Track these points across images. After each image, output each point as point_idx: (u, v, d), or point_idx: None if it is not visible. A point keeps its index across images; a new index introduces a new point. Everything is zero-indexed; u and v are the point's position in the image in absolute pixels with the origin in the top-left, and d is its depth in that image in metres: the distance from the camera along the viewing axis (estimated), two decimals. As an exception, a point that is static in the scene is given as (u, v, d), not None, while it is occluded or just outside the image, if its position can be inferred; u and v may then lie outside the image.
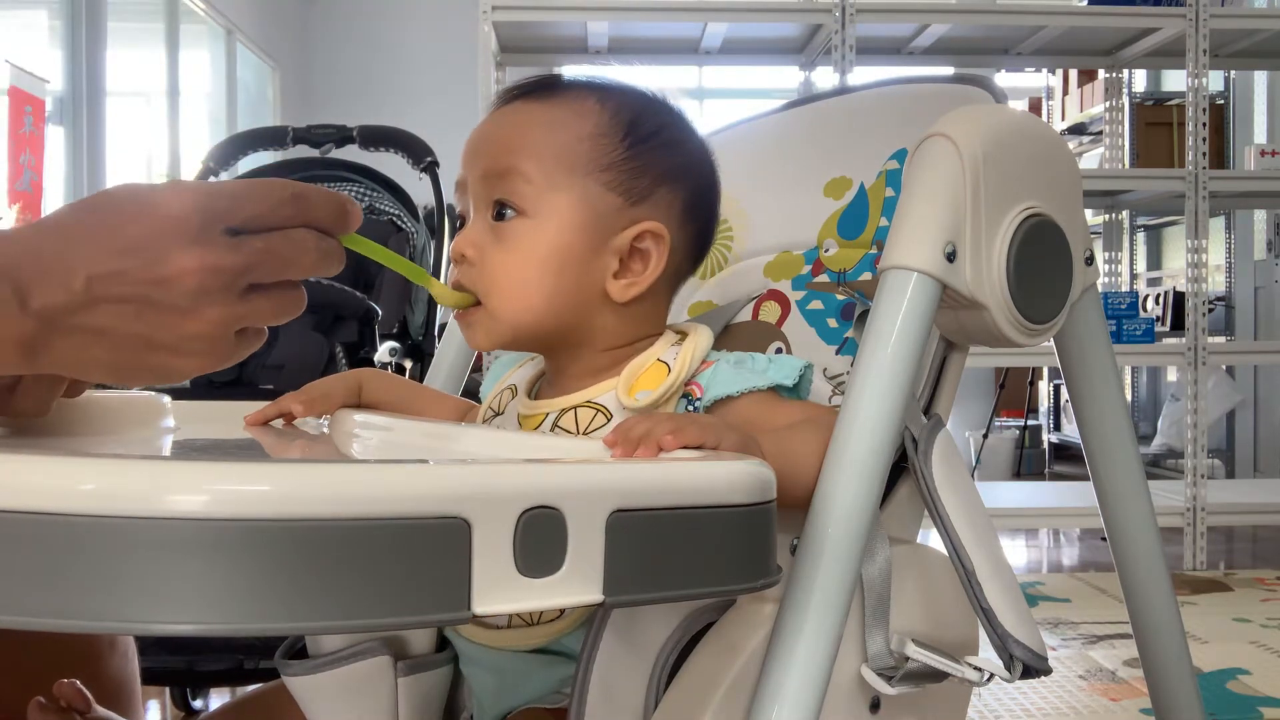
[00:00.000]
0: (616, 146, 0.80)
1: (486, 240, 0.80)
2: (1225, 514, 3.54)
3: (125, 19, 4.96)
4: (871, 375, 0.71)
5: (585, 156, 0.79)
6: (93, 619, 0.42)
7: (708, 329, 0.83)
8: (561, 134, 0.80)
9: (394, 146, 2.28)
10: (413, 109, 5.41)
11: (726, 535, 0.53)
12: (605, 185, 0.80)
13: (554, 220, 0.79)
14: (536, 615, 0.77)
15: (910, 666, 0.73)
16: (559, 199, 0.79)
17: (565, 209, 0.79)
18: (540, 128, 0.80)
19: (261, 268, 0.64)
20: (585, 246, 0.79)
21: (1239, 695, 2.21)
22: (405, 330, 2.19)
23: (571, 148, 0.79)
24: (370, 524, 0.43)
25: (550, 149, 0.79)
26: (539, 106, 0.82)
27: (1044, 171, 0.78)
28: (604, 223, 0.79)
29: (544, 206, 0.79)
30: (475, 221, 0.81)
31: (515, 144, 0.80)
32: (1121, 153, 4.43)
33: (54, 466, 0.44)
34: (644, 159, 0.81)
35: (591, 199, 0.79)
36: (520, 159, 0.79)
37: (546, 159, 0.79)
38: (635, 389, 0.77)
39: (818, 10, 3.47)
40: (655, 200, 0.81)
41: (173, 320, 0.62)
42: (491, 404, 0.88)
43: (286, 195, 0.65)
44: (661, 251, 0.81)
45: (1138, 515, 0.93)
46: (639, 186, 0.81)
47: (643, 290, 0.81)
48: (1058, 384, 6.07)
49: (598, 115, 0.81)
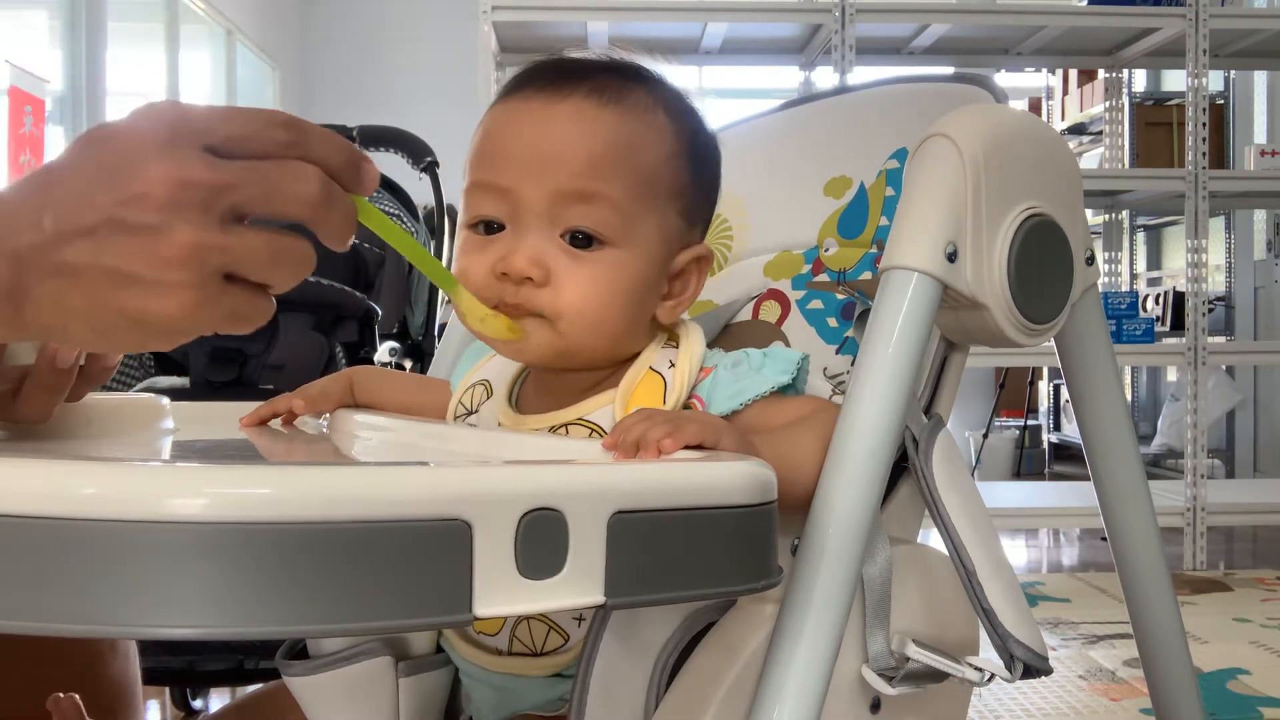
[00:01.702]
0: (687, 169, 0.77)
1: (560, 264, 0.73)
2: (1225, 514, 3.54)
3: (125, 19, 4.96)
4: (872, 375, 0.71)
5: (666, 182, 0.76)
6: (94, 623, 0.42)
7: (699, 328, 0.82)
8: (645, 155, 0.75)
9: (394, 146, 2.28)
10: (413, 109, 5.41)
11: (727, 536, 0.53)
12: (678, 212, 0.78)
13: (639, 250, 0.75)
14: (540, 646, 0.77)
15: (911, 667, 0.73)
16: (644, 229, 0.75)
17: (649, 239, 0.75)
18: (621, 145, 0.74)
19: (245, 190, 0.55)
20: (657, 275, 0.77)
21: (1239, 695, 2.21)
22: (405, 330, 2.19)
23: (657, 171, 0.75)
24: (371, 526, 0.43)
25: (637, 173, 0.74)
26: (609, 114, 0.74)
27: (1044, 171, 0.78)
28: (671, 249, 0.78)
29: (630, 236, 0.74)
30: (538, 240, 0.74)
31: (597, 163, 0.73)
32: (1121, 153, 4.43)
33: (54, 470, 0.44)
34: (704, 179, 0.80)
35: (668, 226, 0.77)
36: (606, 183, 0.73)
37: (634, 185, 0.74)
38: (632, 407, 0.75)
39: (818, 10, 3.47)
40: (704, 219, 0.81)
41: (142, 244, 0.54)
42: (463, 399, 0.85)
43: (280, 119, 0.57)
44: (704, 271, 0.80)
45: (1138, 515, 0.93)
46: (700, 210, 0.80)
47: (684, 311, 0.80)
48: (1058, 384, 6.07)
49: (671, 131, 0.77)
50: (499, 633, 0.78)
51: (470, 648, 0.79)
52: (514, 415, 0.81)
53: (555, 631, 0.76)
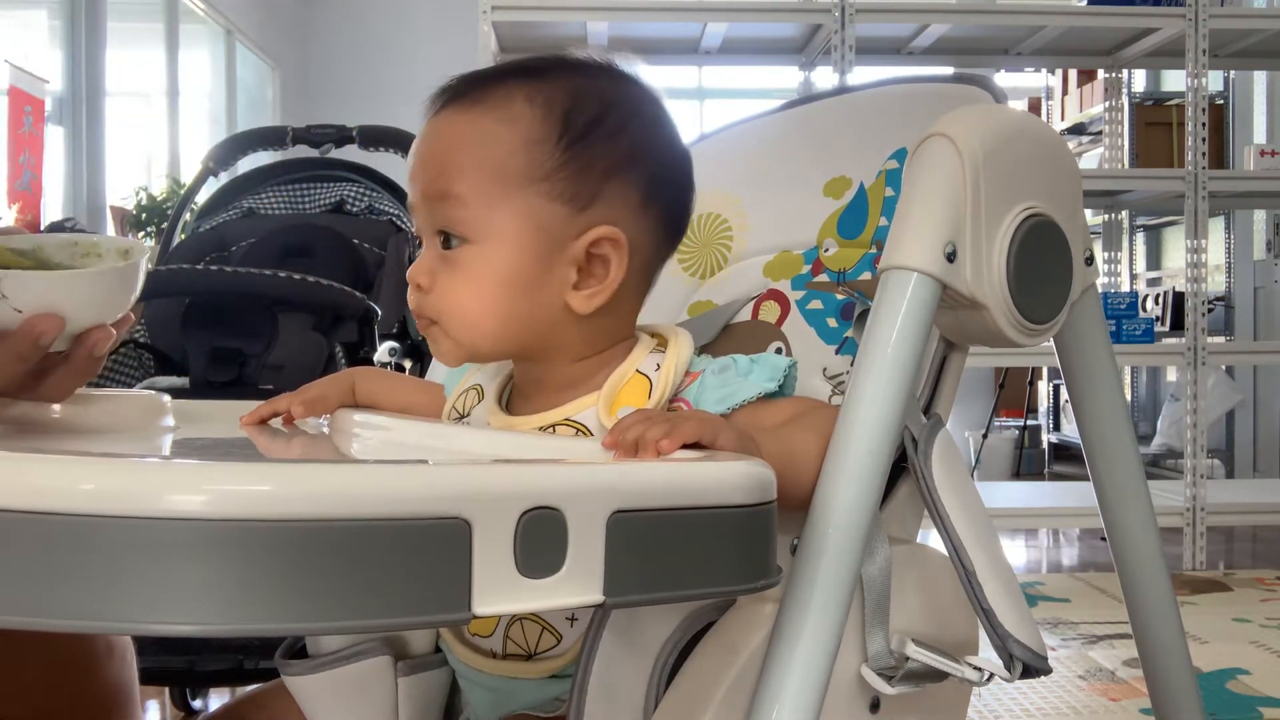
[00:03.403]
0: (552, 152, 0.74)
1: (438, 267, 0.76)
2: (1225, 514, 3.54)
3: (125, 19, 4.96)
4: (871, 375, 0.71)
5: (520, 170, 0.74)
6: (93, 619, 0.42)
7: (688, 335, 0.80)
8: (491, 148, 0.74)
9: (394, 146, 2.28)
10: (413, 109, 5.38)
11: (727, 536, 0.53)
12: (547, 196, 0.74)
13: (499, 243, 0.74)
14: (533, 647, 0.77)
15: (910, 666, 0.73)
16: (500, 220, 0.74)
17: (509, 230, 0.74)
18: (468, 143, 0.75)
19: None
20: (536, 265, 0.75)
21: (1239, 695, 2.21)
22: (405, 330, 2.18)
23: (504, 163, 0.74)
24: (371, 524, 0.43)
25: (481, 167, 0.74)
26: (465, 115, 0.76)
27: (1044, 171, 0.78)
28: (552, 236, 0.75)
29: (486, 230, 0.74)
30: (426, 248, 0.77)
31: (446, 164, 0.75)
32: (1121, 153, 4.43)
33: (54, 466, 0.44)
34: (585, 158, 0.75)
35: (534, 214, 0.74)
36: (452, 181, 0.75)
37: (480, 179, 0.74)
38: (616, 407, 0.75)
39: (817, 10, 3.47)
40: (606, 199, 0.76)
41: None
42: (456, 404, 0.86)
43: None
44: (621, 255, 0.76)
45: (1137, 515, 0.93)
46: (585, 190, 0.75)
47: (607, 298, 0.76)
48: (1057, 384, 6.06)
49: (528, 119, 0.75)
50: (493, 634, 0.78)
51: (466, 650, 0.79)
52: (503, 417, 0.81)
53: (549, 632, 0.76)
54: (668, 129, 0.81)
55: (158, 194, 4.46)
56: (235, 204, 2.18)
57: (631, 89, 0.80)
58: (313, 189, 2.21)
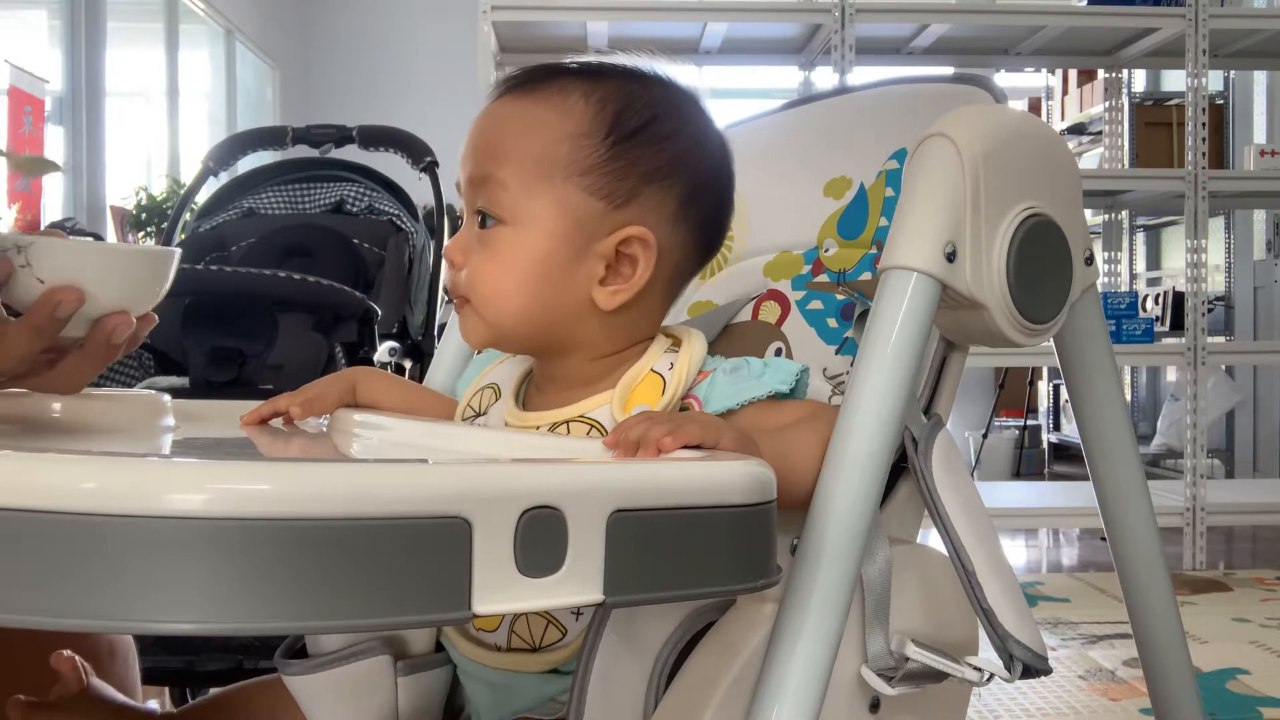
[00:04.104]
0: (598, 147, 0.77)
1: (473, 245, 0.79)
2: (1225, 514, 3.54)
3: (125, 19, 4.96)
4: (871, 375, 0.71)
5: (563, 160, 0.76)
6: (93, 618, 0.42)
7: (701, 335, 0.82)
8: (539, 136, 0.77)
9: (393, 146, 2.28)
10: (412, 109, 5.41)
11: (727, 535, 0.53)
12: (585, 189, 0.76)
13: (533, 228, 0.76)
14: (538, 640, 0.77)
15: (910, 667, 0.73)
16: (537, 205, 0.76)
17: (544, 216, 0.76)
18: (518, 129, 0.78)
19: None
20: (566, 254, 0.77)
21: (1239, 695, 2.21)
22: (405, 330, 2.18)
23: (548, 151, 0.76)
24: (371, 523, 0.43)
25: (526, 154, 0.77)
26: (521, 104, 0.79)
27: (1044, 171, 0.78)
28: (585, 229, 0.77)
29: (522, 214, 0.77)
30: (465, 226, 0.80)
31: (494, 148, 0.78)
32: (1121, 153, 4.43)
33: (55, 465, 0.44)
34: (628, 158, 0.77)
35: (571, 204, 0.76)
36: (497, 165, 0.77)
37: (523, 164, 0.76)
38: (630, 405, 0.76)
39: (817, 10, 3.47)
40: (642, 201, 0.78)
41: None
42: (471, 402, 0.86)
43: None
44: (649, 257, 0.78)
45: (1137, 515, 0.93)
46: (623, 189, 0.77)
47: (631, 297, 0.78)
48: (1057, 384, 6.06)
49: (580, 112, 0.77)
50: (498, 628, 0.78)
51: (470, 645, 0.79)
52: (519, 414, 0.82)
53: (554, 625, 0.77)
54: (714, 148, 0.83)
55: (158, 194, 4.45)
56: (235, 204, 2.18)
57: (685, 104, 0.82)
58: (313, 189, 2.21)
